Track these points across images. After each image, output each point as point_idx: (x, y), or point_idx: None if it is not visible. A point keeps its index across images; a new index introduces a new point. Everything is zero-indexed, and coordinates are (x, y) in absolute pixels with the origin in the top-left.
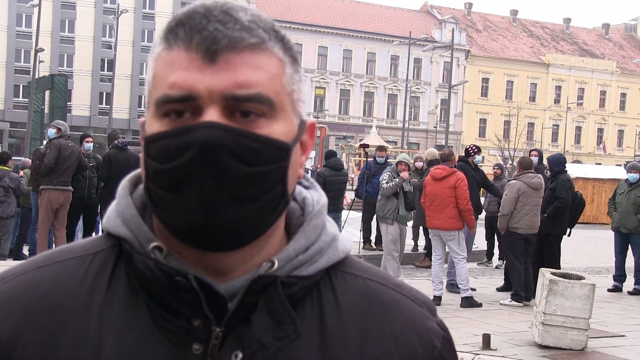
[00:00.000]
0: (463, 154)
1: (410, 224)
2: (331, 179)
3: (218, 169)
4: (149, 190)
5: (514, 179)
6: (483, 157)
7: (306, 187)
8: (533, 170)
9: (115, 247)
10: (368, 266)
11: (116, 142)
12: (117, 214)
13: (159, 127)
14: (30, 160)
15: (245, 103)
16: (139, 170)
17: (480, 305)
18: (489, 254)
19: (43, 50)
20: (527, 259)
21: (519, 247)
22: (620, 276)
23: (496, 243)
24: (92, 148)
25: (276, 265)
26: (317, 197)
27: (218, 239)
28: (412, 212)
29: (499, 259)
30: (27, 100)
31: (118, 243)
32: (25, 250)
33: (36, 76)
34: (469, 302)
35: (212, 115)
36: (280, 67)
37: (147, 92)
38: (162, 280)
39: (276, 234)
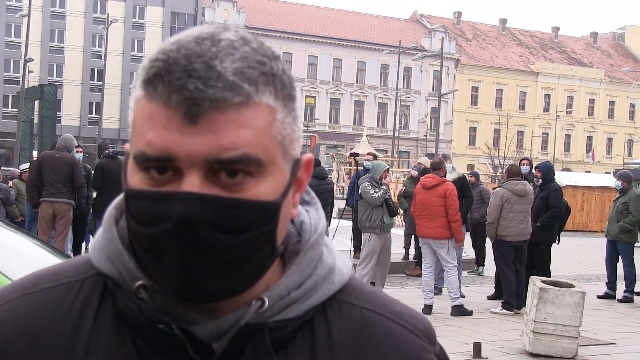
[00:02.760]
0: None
1: (400, 231)
2: (317, 188)
3: (198, 244)
4: (131, 242)
5: (499, 187)
6: (453, 167)
7: (306, 203)
8: (519, 178)
9: (103, 274)
10: (367, 291)
11: (107, 151)
12: (101, 247)
13: (138, 181)
14: (18, 170)
15: (231, 166)
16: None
17: (470, 313)
18: (478, 261)
19: (32, 60)
20: (521, 268)
21: (509, 254)
22: (611, 283)
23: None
24: (82, 158)
25: (266, 304)
26: (315, 220)
27: (202, 299)
28: (394, 217)
29: (478, 265)
30: (17, 110)
31: None
32: None
33: (25, 86)
34: (459, 311)
35: (192, 181)
36: (269, 116)
37: (130, 132)
38: (145, 325)
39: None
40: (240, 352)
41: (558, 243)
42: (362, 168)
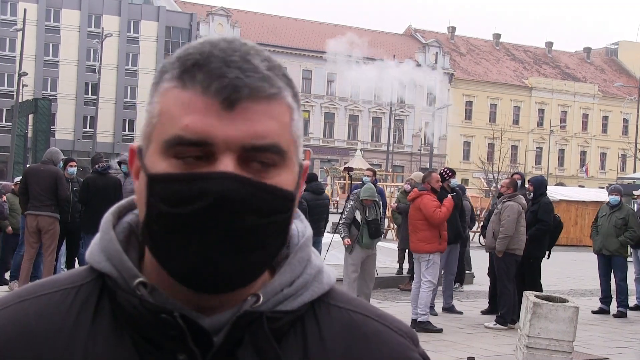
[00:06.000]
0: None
1: (394, 246)
2: (312, 203)
3: (230, 221)
4: (149, 229)
5: (510, 200)
6: (466, 179)
7: None
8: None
9: (100, 279)
10: (351, 297)
11: (96, 166)
12: (100, 248)
13: (166, 167)
14: (11, 184)
15: (261, 153)
16: (123, 202)
17: (440, 330)
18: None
19: (27, 74)
20: (513, 280)
21: (513, 269)
22: (606, 298)
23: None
24: (75, 172)
25: (261, 299)
26: (302, 228)
27: (218, 285)
28: (377, 239)
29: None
30: (11, 124)
31: (102, 275)
32: (7, 275)
33: (20, 100)
34: (422, 327)
35: (227, 164)
36: (290, 114)
37: (150, 126)
38: (147, 317)
39: None
40: (239, 343)
41: (548, 258)
42: (360, 182)
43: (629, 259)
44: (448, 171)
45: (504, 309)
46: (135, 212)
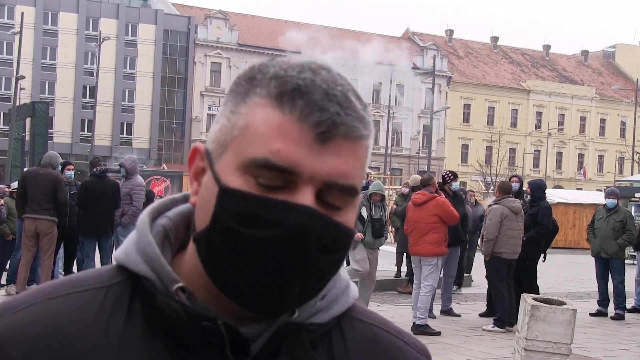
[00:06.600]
0: (441, 181)
1: (392, 249)
2: None
3: (302, 256)
4: (208, 239)
5: (496, 204)
6: (465, 182)
7: None
8: (511, 195)
9: (129, 281)
10: (370, 312)
11: (94, 169)
12: (137, 250)
13: (242, 184)
14: (5, 187)
15: (340, 192)
16: (155, 204)
17: (438, 333)
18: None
19: (24, 77)
20: (510, 283)
21: (503, 272)
22: (604, 301)
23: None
24: (73, 175)
25: (297, 312)
26: None
27: (269, 310)
28: (380, 239)
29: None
30: (8, 127)
31: (131, 277)
32: (4, 279)
33: (17, 103)
34: (420, 330)
35: (307, 197)
36: (367, 153)
37: (228, 135)
38: (186, 323)
39: None
40: (275, 353)
41: (544, 260)
42: None
43: (627, 261)
44: (450, 174)
45: (500, 311)
46: (168, 215)
